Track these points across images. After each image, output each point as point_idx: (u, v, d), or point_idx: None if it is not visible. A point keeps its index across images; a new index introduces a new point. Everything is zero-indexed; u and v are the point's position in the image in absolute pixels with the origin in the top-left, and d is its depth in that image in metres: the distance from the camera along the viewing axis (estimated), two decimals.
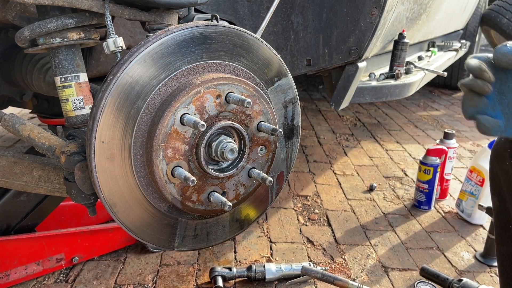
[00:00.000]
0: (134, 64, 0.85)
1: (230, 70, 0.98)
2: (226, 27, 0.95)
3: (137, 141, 0.89)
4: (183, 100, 0.87)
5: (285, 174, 1.16)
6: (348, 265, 1.71)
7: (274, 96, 1.07)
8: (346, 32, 1.67)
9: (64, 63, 0.96)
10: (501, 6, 4.11)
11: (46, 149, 0.95)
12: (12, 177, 1.05)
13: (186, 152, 0.90)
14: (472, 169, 2.09)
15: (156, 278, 1.60)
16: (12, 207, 1.48)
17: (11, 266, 1.48)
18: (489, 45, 5.31)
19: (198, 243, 1.06)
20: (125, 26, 1.40)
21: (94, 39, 1.00)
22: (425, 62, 3.06)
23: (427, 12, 2.57)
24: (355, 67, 1.77)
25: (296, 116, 1.13)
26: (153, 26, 1.02)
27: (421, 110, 4.18)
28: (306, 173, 2.58)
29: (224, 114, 0.93)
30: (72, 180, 0.92)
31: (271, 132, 0.97)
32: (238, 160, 0.98)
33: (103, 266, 1.66)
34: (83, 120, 0.99)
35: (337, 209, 2.17)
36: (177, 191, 0.92)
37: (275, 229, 1.95)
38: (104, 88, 0.84)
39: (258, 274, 1.56)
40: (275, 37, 1.74)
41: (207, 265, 1.68)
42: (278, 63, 1.06)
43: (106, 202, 0.88)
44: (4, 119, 1.01)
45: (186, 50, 0.90)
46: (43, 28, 0.92)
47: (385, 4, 1.60)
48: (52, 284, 1.56)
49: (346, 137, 3.29)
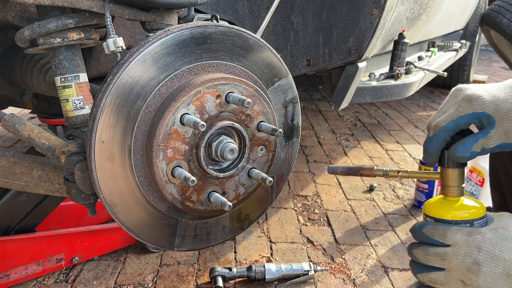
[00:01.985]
0: (134, 64, 0.85)
1: (230, 70, 0.98)
2: (226, 27, 0.95)
3: (137, 141, 0.89)
4: (183, 100, 0.87)
5: (285, 174, 1.16)
6: (348, 265, 1.71)
7: (274, 96, 1.07)
8: (346, 32, 1.67)
9: (64, 63, 0.96)
10: (501, 6, 4.11)
11: (46, 149, 0.95)
12: (12, 177, 1.05)
13: (186, 152, 0.90)
14: (472, 169, 2.09)
15: (156, 278, 1.60)
16: (12, 207, 1.48)
17: (11, 266, 1.48)
18: (489, 45, 5.31)
19: (198, 243, 1.06)
20: (125, 26, 1.40)
21: (94, 39, 1.00)
22: (425, 62, 3.06)
23: (427, 12, 2.57)
24: (355, 67, 1.77)
25: (296, 116, 1.13)
26: (153, 26, 1.02)
27: (421, 110, 4.18)
28: (306, 173, 2.58)
29: (224, 114, 0.93)
30: (72, 180, 0.91)
31: (271, 132, 0.97)
32: (238, 160, 0.98)
33: (103, 266, 1.66)
34: (83, 120, 0.99)
35: (337, 209, 2.17)
36: (177, 191, 0.92)
37: (275, 229, 1.95)
38: (104, 88, 0.84)
39: (258, 274, 1.56)
40: (275, 37, 1.74)
41: (207, 265, 1.68)
42: (278, 63, 1.06)
43: (106, 202, 0.88)
44: (4, 119, 1.01)
45: (186, 50, 0.90)
46: (43, 28, 0.92)
47: (385, 4, 1.60)
48: (52, 284, 1.56)
49: (346, 137, 3.29)
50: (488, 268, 0.79)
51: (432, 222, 0.87)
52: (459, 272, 0.81)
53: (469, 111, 0.82)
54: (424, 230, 0.85)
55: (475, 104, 0.82)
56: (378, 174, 0.92)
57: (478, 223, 0.85)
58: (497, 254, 0.78)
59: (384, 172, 0.91)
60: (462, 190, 0.88)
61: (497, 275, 0.78)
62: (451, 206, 0.88)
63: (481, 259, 0.79)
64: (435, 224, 0.86)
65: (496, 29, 4.17)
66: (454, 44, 3.84)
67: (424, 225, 0.86)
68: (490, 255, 0.79)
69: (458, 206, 0.87)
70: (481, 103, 0.81)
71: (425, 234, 0.85)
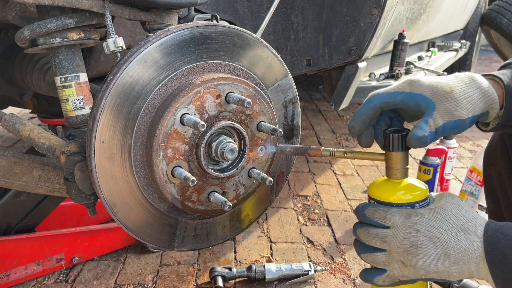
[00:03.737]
0: (134, 64, 0.85)
1: (230, 70, 0.98)
2: (226, 27, 0.95)
3: (137, 141, 0.88)
4: (183, 100, 0.87)
5: (285, 174, 1.16)
6: (348, 265, 1.71)
7: (274, 96, 1.07)
8: (346, 32, 1.67)
9: (64, 63, 0.96)
10: (501, 6, 4.11)
11: (46, 149, 0.95)
12: (12, 177, 1.05)
13: (186, 152, 0.90)
14: (472, 169, 2.09)
15: (156, 278, 1.60)
16: (12, 207, 1.48)
17: (11, 266, 1.48)
18: (489, 45, 5.31)
19: (198, 243, 1.06)
20: (125, 26, 1.39)
21: (94, 39, 1.00)
22: (425, 62, 3.06)
23: (427, 12, 2.57)
24: (355, 67, 1.77)
25: (296, 116, 1.13)
26: (153, 26, 1.02)
27: None
28: (306, 173, 2.58)
29: (224, 114, 0.93)
30: (72, 180, 0.91)
31: (271, 132, 0.97)
32: (238, 160, 0.98)
33: (103, 266, 1.66)
34: (83, 120, 0.98)
35: (337, 209, 2.17)
36: (177, 191, 0.92)
37: (275, 229, 1.95)
38: (104, 88, 0.84)
39: (258, 274, 1.56)
40: (275, 37, 1.74)
41: (207, 265, 1.68)
42: (278, 63, 1.06)
43: (106, 202, 0.88)
44: (4, 119, 1.01)
45: (186, 50, 0.90)
46: (43, 28, 0.92)
47: (385, 4, 1.60)
48: (52, 284, 1.56)
49: (346, 137, 3.29)
50: (426, 249, 0.80)
51: (374, 204, 0.88)
52: (399, 254, 0.83)
53: (407, 90, 0.85)
54: (365, 212, 0.87)
55: (414, 86, 0.84)
56: (325, 154, 0.92)
57: (419, 205, 0.86)
58: (435, 235, 0.80)
59: (331, 152, 0.92)
60: (406, 172, 0.89)
61: (436, 255, 0.80)
62: (394, 188, 0.89)
63: (419, 241, 0.80)
64: (377, 206, 0.87)
65: (496, 29, 4.17)
66: (454, 44, 3.84)
67: (366, 206, 0.88)
68: (428, 237, 0.80)
69: (400, 188, 0.88)
70: (419, 86, 0.84)
71: (367, 216, 0.86)
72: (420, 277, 0.82)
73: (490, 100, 0.84)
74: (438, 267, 0.80)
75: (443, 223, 0.80)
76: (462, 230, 0.79)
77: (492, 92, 0.84)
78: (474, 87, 0.83)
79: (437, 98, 0.82)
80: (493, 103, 0.84)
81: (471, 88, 0.83)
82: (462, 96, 0.82)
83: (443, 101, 0.82)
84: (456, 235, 0.79)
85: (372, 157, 0.92)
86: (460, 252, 0.78)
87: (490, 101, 0.84)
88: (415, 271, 0.82)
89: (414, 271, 0.81)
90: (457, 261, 0.79)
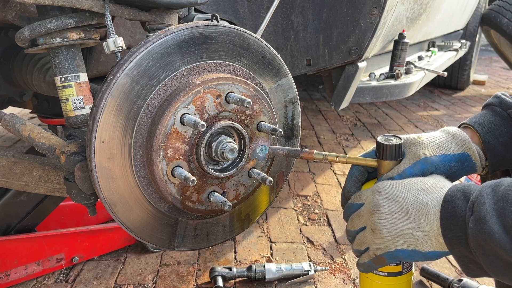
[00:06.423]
0: (134, 64, 0.85)
1: (230, 70, 0.98)
2: (226, 27, 0.95)
3: (137, 141, 0.89)
4: (183, 100, 0.87)
5: (285, 174, 1.16)
6: (348, 265, 1.71)
7: (274, 96, 1.07)
8: (346, 32, 1.67)
9: (64, 63, 0.96)
10: (501, 6, 4.11)
11: (46, 149, 0.95)
12: (12, 177, 1.05)
13: (186, 152, 0.90)
14: None
15: (156, 278, 1.60)
16: (12, 207, 1.48)
17: (11, 266, 1.48)
18: (489, 45, 5.31)
19: (198, 243, 1.06)
20: (125, 26, 1.39)
21: (94, 39, 1.00)
22: (425, 62, 3.06)
23: (427, 12, 2.57)
24: (355, 67, 1.77)
25: (296, 116, 1.13)
26: (153, 26, 1.02)
27: (421, 110, 4.18)
28: (306, 173, 2.58)
29: (224, 114, 0.93)
30: (72, 180, 0.92)
31: (271, 132, 0.97)
32: (238, 160, 0.98)
33: (103, 266, 1.66)
34: (83, 120, 0.99)
35: (337, 209, 2.17)
36: (177, 191, 0.92)
37: (275, 229, 1.95)
38: (104, 88, 0.84)
39: (258, 274, 1.56)
40: (275, 37, 1.74)
41: (207, 265, 1.68)
42: (278, 63, 1.06)
43: (106, 202, 0.88)
44: (4, 119, 1.01)
45: (186, 50, 0.90)
46: (43, 28, 0.92)
47: (385, 4, 1.60)
48: (52, 284, 1.56)
49: (346, 137, 3.29)
50: (387, 208, 0.83)
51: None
52: (368, 220, 0.86)
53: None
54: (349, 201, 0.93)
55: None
56: (317, 158, 0.94)
57: None
58: (395, 194, 0.83)
59: (324, 156, 0.94)
60: None
61: (396, 213, 0.82)
62: None
63: (381, 200, 0.84)
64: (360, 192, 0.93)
65: (496, 29, 4.17)
66: (454, 44, 3.84)
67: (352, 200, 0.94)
68: (389, 196, 0.84)
69: None
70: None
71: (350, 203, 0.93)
72: (389, 245, 0.83)
73: (462, 141, 0.91)
74: (402, 228, 0.81)
75: (407, 186, 0.84)
76: (425, 190, 0.81)
77: (462, 134, 0.91)
78: (443, 133, 0.93)
79: (407, 147, 0.92)
80: (466, 143, 0.90)
81: (438, 133, 0.93)
82: (428, 140, 0.91)
83: (411, 147, 0.91)
84: (418, 194, 0.81)
85: (365, 162, 0.95)
86: (420, 208, 0.79)
87: (462, 141, 0.90)
88: (381, 237, 0.83)
89: (381, 235, 0.83)
90: (418, 219, 0.79)
